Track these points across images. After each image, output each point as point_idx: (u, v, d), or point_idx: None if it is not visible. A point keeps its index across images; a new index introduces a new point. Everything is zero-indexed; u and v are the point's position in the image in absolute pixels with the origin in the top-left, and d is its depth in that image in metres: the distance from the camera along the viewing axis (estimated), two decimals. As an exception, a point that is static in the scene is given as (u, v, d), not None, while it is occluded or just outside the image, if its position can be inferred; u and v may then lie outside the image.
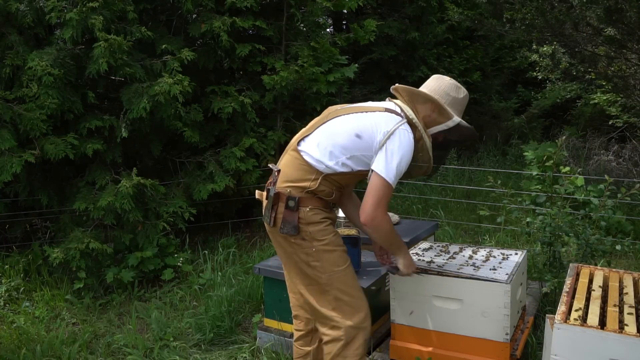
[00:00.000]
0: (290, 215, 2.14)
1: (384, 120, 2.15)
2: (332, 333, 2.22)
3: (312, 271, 2.19)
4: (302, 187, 2.15)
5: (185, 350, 3.24)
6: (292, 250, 2.20)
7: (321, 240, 2.16)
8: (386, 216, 2.14)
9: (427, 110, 2.26)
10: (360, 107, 2.27)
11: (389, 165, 2.08)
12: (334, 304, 2.20)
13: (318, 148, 2.17)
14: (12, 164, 3.97)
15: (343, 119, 2.22)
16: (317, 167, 2.15)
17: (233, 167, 4.91)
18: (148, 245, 4.31)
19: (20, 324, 3.57)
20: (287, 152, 2.28)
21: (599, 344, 1.86)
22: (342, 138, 2.16)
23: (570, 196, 4.29)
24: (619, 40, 5.59)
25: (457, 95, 2.31)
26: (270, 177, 2.28)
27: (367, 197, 2.09)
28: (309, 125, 2.31)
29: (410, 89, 2.28)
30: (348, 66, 5.58)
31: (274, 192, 2.17)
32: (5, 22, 4.38)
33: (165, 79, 4.28)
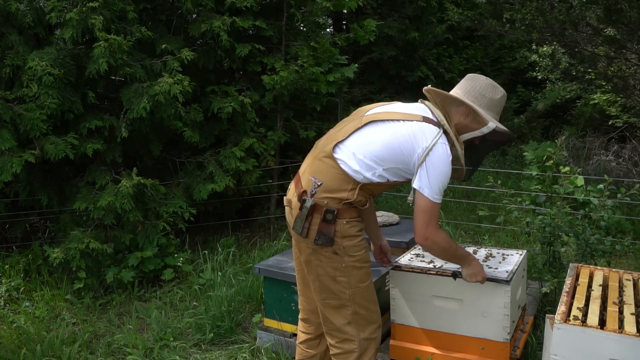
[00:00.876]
0: (326, 227, 2.07)
1: (422, 132, 2.07)
2: (345, 346, 2.18)
3: (337, 286, 2.13)
4: (339, 199, 2.08)
5: (185, 350, 3.24)
6: (319, 262, 2.12)
7: (353, 256, 2.11)
8: (440, 233, 2.12)
9: (461, 115, 2.16)
10: (396, 113, 2.16)
11: (432, 183, 2.04)
12: (350, 318, 2.16)
13: (355, 158, 2.09)
14: (12, 163, 3.97)
15: (380, 128, 2.12)
16: (354, 177, 2.08)
17: (233, 167, 4.91)
18: (148, 245, 4.31)
19: (20, 324, 3.57)
20: (318, 158, 2.16)
21: (598, 344, 1.86)
22: (379, 149, 2.08)
23: (570, 196, 4.29)
24: (619, 40, 5.59)
25: (494, 96, 2.20)
26: (298, 183, 2.19)
27: (417, 218, 2.08)
28: (342, 128, 2.19)
29: (442, 93, 2.19)
30: (348, 66, 5.58)
31: (312, 203, 2.08)
32: (5, 22, 4.38)
33: (166, 78, 4.28)
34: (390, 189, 2.25)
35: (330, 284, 2.13)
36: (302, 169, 2.25)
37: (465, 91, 2.19)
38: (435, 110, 2.16)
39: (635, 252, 4.45)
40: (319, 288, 2.17)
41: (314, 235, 2.08)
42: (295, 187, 2.22)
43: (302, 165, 2.27)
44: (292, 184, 2.28)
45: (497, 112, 2.23)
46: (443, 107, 2.17)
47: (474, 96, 2.17)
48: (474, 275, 2.33)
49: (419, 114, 2.14)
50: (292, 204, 2.19)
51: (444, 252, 2.20)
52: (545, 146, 5.67)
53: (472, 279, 2.34)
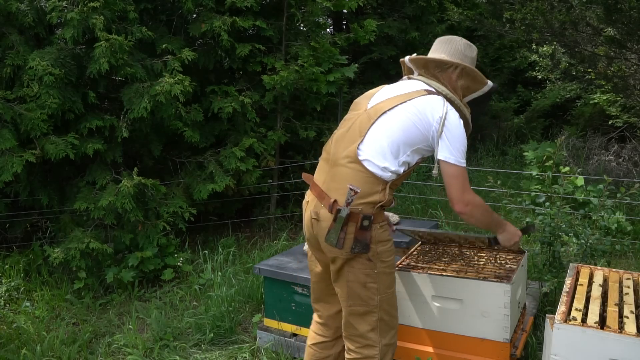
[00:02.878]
0: (362, 234, 2.03)
1: (430, 105, 2.09)
2: (365, 352, 2.15)
3: (366, 292, 2.10)
4: (373, 203, 2.04)
5: (185, 350, 3.24)
6: (350, 268, 2.08)
7: (385, 261, 2.10)
8: (477, 196, 2.11)
9: (458, 78, 2.19)
10: (398, 97, 2.15)
11: (455, 150, 2.05)
12: (374, 324, 2.13)
13: (381, 153, 2.06)
14: (13, 163, 3.97)
15: (392, 114, 2.11)
16: (382, 176, 2.05)
17: (233, 167, 4.91)
18: (148, 245, 4.31)
19: (20, 324, 3.57)
20: (342, 164, 2.10)
21: (598, 344, 1.86)
22: (399, 135, 2.07)
23: (570, 196, 4.29)
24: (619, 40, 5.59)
25: (473, 54, 2.25)
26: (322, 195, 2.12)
27: (451, 186, 2.06)
28: (351, 127, 2.17)
29: (432, 59, 2.21)
30: (348, 66, 5.58)
31: (347, 212, 2.01)
32: (5, 22, 4.38)
33: (166, 78, 4.28)
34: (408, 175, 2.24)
35: (359, 291, 2.10)
36: (321, 178, 2.18)
37: (451, 54, 2.21)
38: (430, 81, 2.18)
39: (635, 252, 4.45)
40: (346, 294, 2.13)
41: (350, 245, 2.04)
42: (319, 198, 2.13)
43: (320, 175, 2.21)
44: (311, 196, 2.20)
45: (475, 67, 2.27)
46: (435, 76, 2.19)
47: (459, 57, 2.20)
48: (511, 239, 2.31)
49: (419, 89, 2.16)
50: (320, 216, 2.10)
51: (486, 215, 2.16)
52: (545, 146, 5.67)
53: (510, 243, 2.31)
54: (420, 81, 2.21)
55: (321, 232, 2.10)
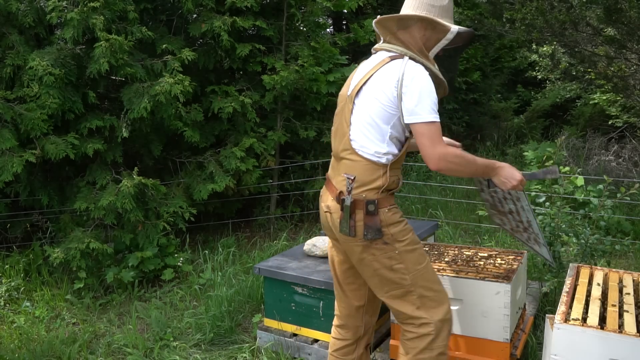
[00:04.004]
0: (371, 219, 2.03)
1: (389, 71, 2.03)
2: (421, 330, 2.12)
3: (396, 275, 2.08)
4: (376, 188, 2.04)
5: (185, 350, 3.24)
6: (372, 257, 2.08)
7: (402, 240, 2.08)
8: (450, 149, 1.99)
9: (419, 31, 2.08)
10: (365, 74, 2.13)
11: (419, 104, 1.95)
12: (418, 303, 2.11)
13: (368, 138, 2.05)
14: (13, 163, 3.98)
15: (362, 94, 2.10)
16: (378, 161, 2.04)
17: (233, 167, 4.91)
18: (148, 245, 4.31)
19: (20, 324, 3.57)
20: (341, 157, 2.13)
21: (598, 344, 1.86)
22: (374, 112, 2.04)
23: (570, 196, 4.29)
24: (619, 40, 5.59)
25: (443, 3, 2.12)
26: (331, 188, 2.15)
27: (422, 147, 1.96)
28: (341, 120, 2.17)
29: (392, 17, 2.13)
30: (348, 66, 5.59)
31: (351, 200, 2.04)
32: (5, 22, 4.38)
33: (166, 78, 4.28)
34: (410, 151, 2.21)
35: (389, 275, 2.09)
36: (331, 172, 2.22)
37: (414, 7, 2.12)
38: (391, 46, 2.12)
39: (635, 252, 4.45)
40: (379, 282, 2.13)
41: (362, 231, 2.05)
42: (329, 192, 2.18)
43: (330, 170, 2.25)
44: (324, 190, 2.24)
45: (450, 17, 2.15)
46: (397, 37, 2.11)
47: (425, 9, 2.09)
48: (507, 180, 2.11)
49: (383, 57, 2.11)
50: (331, 208, 2.14)
51: (465, 164, 2.02)
52: (545, 146, 5.67)
53: (506, 186, 2.13)
54: (384, 50, 2.15)
55: (334, 223, 2.13)
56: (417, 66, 2.02)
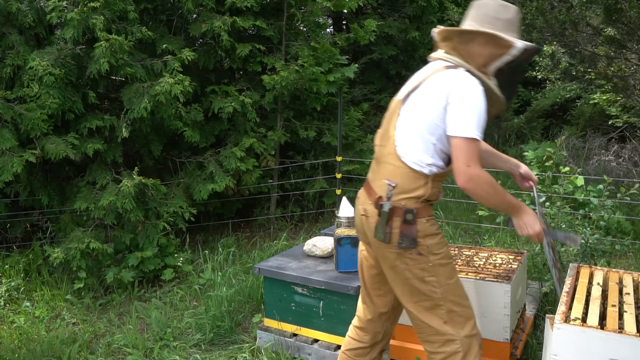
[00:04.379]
0: (408, 228, 1.99)
1: (443, 79, 1.98)
2: (448, 349, 2.08)
3: (427, 287, 2.05)
4: (416, 197, 2.00)
5: (185, 350, 3.24)
6: (405, 266, 2.04)
7: (437, 253, 2.04)
8: (484, 172, 1.91)
9: (480, 46, 2.00)
10: (418, 80, 2.08)
11: (465, 118, 1.89)
12: (446, 317, 2.07)
13: (412, 146, 2.00)
14: (13, 163, 3.98)
15: (412, 100, 2.05)
16: (421, 170, 2.00)
17: (233, 167, 4.91)
18: (148, 245, 4.31)
19: (20, 324, 3.57)
20: (384, 161, 2.09)
21: (599, 344, 1.86)
22: (420, 120, 1.99)
23: (570, 196, 4.29)
24: (619, 40, 5.58)
25: (508, 16, 2.04)
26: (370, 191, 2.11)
27: (455, 162, 1.90)
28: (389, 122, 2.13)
29: (453, 30, 2.06)
30: (348, 66, 5.58)
31: (389, 207, 2.00)
32: (5, 22, 4.38)
33: (166, 78, 4.28)
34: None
35: (420, 286, 2.06)
36: (371, 175, 2.17)
37: (477, 20, 2.05)
38: (448, 56, 2.05)
39: (635, 252, 4.45)
40: (409, 291, 2.09)
41: (396, 239, 2.01)
42: (368, 195, 2.13)
43: (370, 172, 2.20)
44: (362, 193, 2.19)
45: (516, 30, 2.07)
46: (456, 49, 2.04)
47: (488, 22, 2.02)
48: (525, 227, 2.08)
49: (438, 67, 2.05)
50: (368, 212, 2.10)
51: (493, 194, 1.96)
52: (545, 146, 5.67)
53: (524, 231, 2.09)
54: (440, 59, 2.09)
55: (370, 227, 2.09)
56: (470, 79, 1.96)
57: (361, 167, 6.10)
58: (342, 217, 3.01)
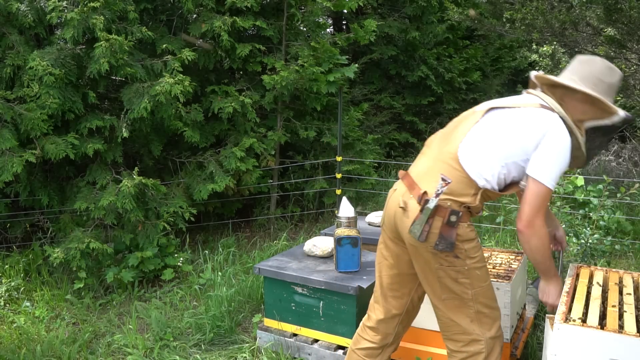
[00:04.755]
0: (448, 231, 1.97)
1: (540, 118, 1.99)
2: (472, 348, 2.09)
3: (459, 287, 2.05)
4: (461, 202, 1.98)
5: (185, 350, 3.24)
6: (439, 265, 2.04)
7: (473, 257, 2.03)
8: (544, 228, 1.97)
9: (579, 102, 2.02)
10: (511, 102, 2.09)
11: (548, 169, 1.93)
12: (473, 316, 2.08)
13: (478, 156, 2.00)
14: (13, 163, 3.97)
15: (498, 116, 2.04)
16: (476, 180, 1.99)
17: (233, 167, 4.91)
18: (148, 245, 4.31)
19: (20, 324, 3.57)
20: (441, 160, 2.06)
21: (598, 344, 1.86)
22: (500, 140, 2.00)
23: (570, 196, 4.29)
24: (619, 40, 5.59)
25: (612, 80, 2.06)
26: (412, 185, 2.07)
27: (527, 202, 1.94)
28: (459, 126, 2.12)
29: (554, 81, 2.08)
30: (348, 66, 5.58)
31: (435, 204, 1.97)
32: (5, 22, 4.38)
33: (166, 78, 4.28)
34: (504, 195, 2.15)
35: (452, 286, 2.06)
36: (416, 170, 2.14)
37: (581, 76, 2.07)
38: (546, 97, 2.07)
39: (635, 252, 4.45)
40: (439, 289, 2.09)
41: (434, 240, 1.99)
42: (409, 188, 2.08)
43: (417, 166, 2.16)
44: (400, 185, 2.15)
45: (612, 94, 2.10)
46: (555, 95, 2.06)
47: (592, 82, 2.04)
48: (547, 295, 2.16)
49: (534, 102, 2.06)
50: (408, 205, 2.05)
51: (541, 250, 2.00)
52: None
53: (544, 298, 2.17)
54: (537, 96, 2.11)
55: (406, 222, 2.05)
56: (564, 130, 1.98)
57: (361, 167, 6.11)
58: (342, 217, 3.01)
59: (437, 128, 8.90)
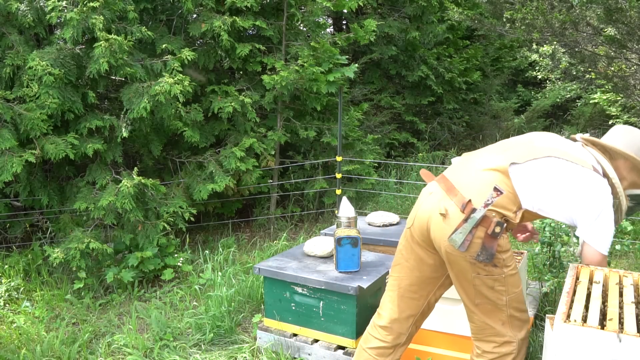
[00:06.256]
0: (491, 241, 1.98)
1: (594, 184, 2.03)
2: (504, 350, 2.12)
3: (494, 294, 2.08)
4: (503, 215, 2.00)
5: (185, 350, 3.24)
6: (476, 274, 2.05)
7: (509, 266, 2.07)
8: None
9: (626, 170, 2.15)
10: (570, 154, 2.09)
11: (605, 237, 2.02)
12: (505, 320, 2.11)
13: (522, 186, 2.03)
14: (13, 163, 3.97)
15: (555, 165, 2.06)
16: (521, 199, 2.03)
17: (233, 167, 4.91)
18: (148, 245, 4.31)
19: (20, 324, 3.57)
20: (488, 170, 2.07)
21: (599, 344, 1.86)
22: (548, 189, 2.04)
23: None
24: (619, 40, 5.59)
25: None
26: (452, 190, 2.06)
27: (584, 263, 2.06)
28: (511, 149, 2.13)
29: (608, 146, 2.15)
30: (348, 66, 5.58)
31: (483, 214, 1.97)
32: (5, 22, 4.38)
33: (166, 78, 4.28)
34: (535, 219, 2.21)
35: (488, 293, 2.08)
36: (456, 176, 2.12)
37: (626, 144, 2.15)
38: (601, 159, 2.12)
39: (635, 252, 4.45)
40: (473, 294, 2.10)
41: (475, 250, 1.99)
42: (450, 194, 2.06)
43: (454, 173, 2.15)
44: (437, 189, 2.13)
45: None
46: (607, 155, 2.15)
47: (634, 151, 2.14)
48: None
49: (589, 162, 2.09)
50: (450, 213, 2.03)
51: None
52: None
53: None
54: (591, 154, 2.14)
55: (445, 229, 2.03)
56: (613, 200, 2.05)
57: (361, 167, 6.11)
58: (342, 217, 3.01)
59: (437, 128, 8.96)
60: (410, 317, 2.28)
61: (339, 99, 5.38)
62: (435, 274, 2.21)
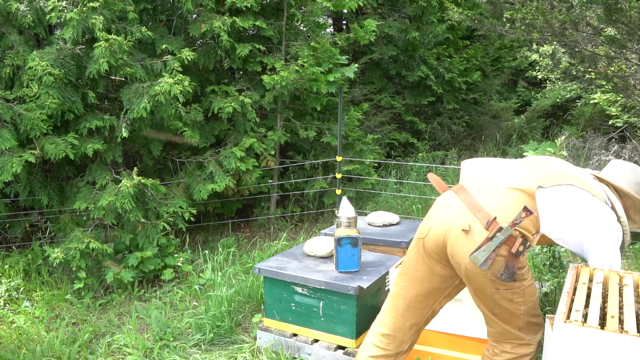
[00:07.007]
0: (513, 260, 1.98)
1: (606, 218, 2.09)
2: (522, 351, 2.15)
3: (512, 305, 2.09)
4: (524, 235, 2.01)
5: (185, 350, 3.24)
6: (495, 290, 2.05)
7: (527, 278, 2.09)
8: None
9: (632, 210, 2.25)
10: (589, 185, 2.13)
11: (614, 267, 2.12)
12: (521, 324, 2.14)
13: (545, 210, 2.07)
14: (13, 163, 3.97)
15: (572, 192, 2.09)
16: (542, 222, 2.06)
17: (233, 167, 4.91)
18: (148, 245, 4.31)
19: (20, 324, 3.57)
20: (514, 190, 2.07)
21: (599, 344, 1.85)
22: (565, 214, 2.07)
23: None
24: (619, 40, 5.59)
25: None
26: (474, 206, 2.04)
27: None
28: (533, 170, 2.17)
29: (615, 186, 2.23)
30: (348, 66, 5.58)
31: (508, 233, 1.95)
32: (5, 22, 4.38)
33: (166, 78, 4.28)
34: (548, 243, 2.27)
35: (506, 305, 2.10)
36: (479, 191, 2.11)
37: (627, 182, 2.25)
38: (611, 195, 2.18)
39: (635, 252, 4.45)
40: (492, 305, 2.12)
41: (498, 269, 1.98)
42: (473, 210, 2.04)
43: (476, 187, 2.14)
44: (457, 202, 2.10)
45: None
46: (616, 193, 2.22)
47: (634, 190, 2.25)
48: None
49: (601, 194, 2.14)
50: (474, 230, 1.99)
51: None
52: (545, 146, 5.65)
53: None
54: (602, 188, 2.19)
55: (467, 246, 2.00)
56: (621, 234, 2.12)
57: (361, 167, 6.11)
58: (342, 217, 3.01)
59: (437, 128, 8.96)
60: (414, 326, 2.28)
61: (339, 99, 5.38)
62: (444, 284, 2.21)
